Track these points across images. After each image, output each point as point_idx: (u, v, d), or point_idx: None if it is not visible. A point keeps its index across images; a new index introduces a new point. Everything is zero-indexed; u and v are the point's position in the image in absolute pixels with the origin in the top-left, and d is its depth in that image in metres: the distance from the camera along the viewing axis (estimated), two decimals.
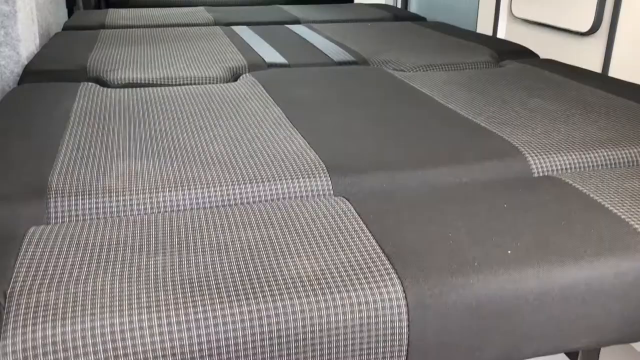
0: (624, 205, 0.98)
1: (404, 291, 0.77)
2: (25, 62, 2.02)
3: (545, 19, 2.28)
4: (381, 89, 1.66)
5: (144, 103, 1.48)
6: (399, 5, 3.41)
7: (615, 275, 0.85)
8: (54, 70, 1.80)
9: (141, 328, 0.70)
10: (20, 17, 2.05)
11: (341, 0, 4.00)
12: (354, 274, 0.79)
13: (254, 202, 1.04)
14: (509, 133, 1.30)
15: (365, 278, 0.78)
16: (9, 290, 0.74)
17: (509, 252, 0.86)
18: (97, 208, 0.98)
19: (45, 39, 2.51)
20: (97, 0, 3.92)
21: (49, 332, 0.68)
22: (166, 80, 1.73)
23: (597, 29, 2.06)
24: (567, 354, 1.63)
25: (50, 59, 1.95)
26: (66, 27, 2.61)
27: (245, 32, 2.43)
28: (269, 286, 0.76)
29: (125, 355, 0.69)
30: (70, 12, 3.32)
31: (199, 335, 0.71)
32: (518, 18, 2.44)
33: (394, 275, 0.79)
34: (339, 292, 0.76)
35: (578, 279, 0.84)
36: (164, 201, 1.01)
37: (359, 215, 0.94)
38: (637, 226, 0.92)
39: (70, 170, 1.08)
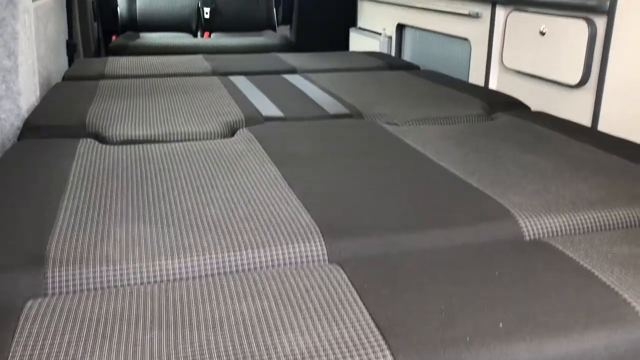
0: (613, 273, 1.00)
1: None
2: (26, 115, 2.05)
3: (535, 71, 2.33)
4: (375, 145, 1.69)
5: (141, 162, 1.51)
6: (393, 54, 3.48)
7: (606, 347, 0.86)
8: (53, 126, 1.83)
9: None
10: (21, 71, 2.09)
11: (337, 46, 4.07)
12: (347, 350, 0.80)
13: (249, 269, 1.05)
14: (500, 194, 1.32)
15: (359, 355, 0.79)
16: None
17: (501, 324, 0.87)
18: (94, 278, 0.99)
19: (45, 88, 2.55)
20: (97, 48, 3.98)
21: None
22: (164, 136, 1.76)
23: (586, 82, 2.11)
24: None
25: (50, 113, 1.98)
26: (66, 77, 2.66)
27: (242, 83, 2.48)
28: None
29: None
30: (70, 59, 3.38)
31: None
32: (509, 69, 2.50)
33: (387, 352, 0.80)
34: None
35: (569, 352, 0.85)
36: (161, 270, 1.02)
37: (353, 285, 0.96)
38: (626, 296, 0.93)
39: (69, 237, 1.09)
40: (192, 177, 1.41)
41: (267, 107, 2.07)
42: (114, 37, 4.16)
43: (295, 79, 2.60)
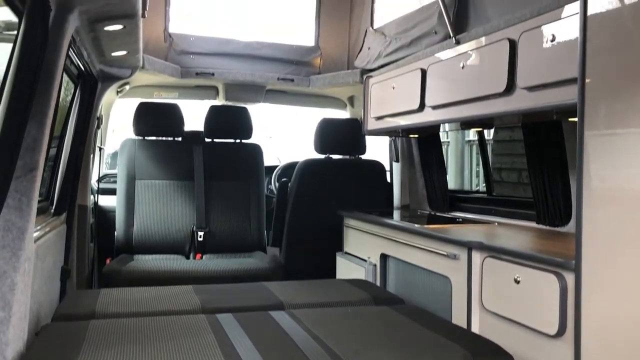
0: None
1: None
2: None
3: (514, 317, 2.41)
4: None
5: None
6: (378, 283, 3.60)
7: None
8: None
9: None
10: (13, 321, 2.13)
11: (326, 269, 4.21)
12: None
13: None
14: None
15: None
16: None
17: None
18: None
19: (34, 325, 2.57)
20: (90, 271, 4.10)
21: None
22: None
23: (564, 333, 2.17)
24: None
25: None
26: (56, 317, 2.69)
27: (229, 324, 2.52)
28: None
29: None
30: (63, 285, 3.44)
31: None
32: (490, 311, 2.57)
33: None
34: None
35: None
36: None
37: None
38: None
39: None
40: None
41: None
42: (108, 260, 4.30)
43: (282, 318, 2.65)
